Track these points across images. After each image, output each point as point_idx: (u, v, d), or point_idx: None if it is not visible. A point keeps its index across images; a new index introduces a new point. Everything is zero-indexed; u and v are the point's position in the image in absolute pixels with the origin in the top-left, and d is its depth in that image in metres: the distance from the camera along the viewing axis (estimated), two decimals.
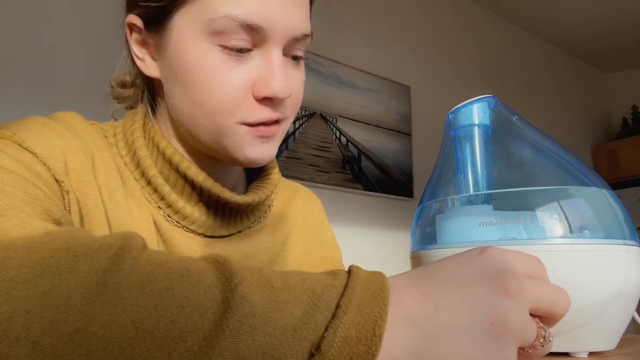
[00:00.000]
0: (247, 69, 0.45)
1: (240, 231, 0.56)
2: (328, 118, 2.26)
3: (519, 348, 0.28)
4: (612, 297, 0.40)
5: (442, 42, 2.89)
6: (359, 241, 2.26)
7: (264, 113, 0.46)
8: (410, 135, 2.57)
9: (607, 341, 0.42)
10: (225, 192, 0.51)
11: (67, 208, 0.42)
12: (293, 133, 2.12)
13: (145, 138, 0.52)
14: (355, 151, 2.32)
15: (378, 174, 2.38)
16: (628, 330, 0.53)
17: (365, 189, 2.31)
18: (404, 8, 2.72)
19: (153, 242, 0.49)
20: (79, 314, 0.23)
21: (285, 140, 2.08)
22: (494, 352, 0.26)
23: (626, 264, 0.41)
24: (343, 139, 2.29)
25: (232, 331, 0.24)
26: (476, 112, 0.53)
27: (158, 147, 0.51)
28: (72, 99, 1.54)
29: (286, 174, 2.02)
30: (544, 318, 0.30)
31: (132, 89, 0.57)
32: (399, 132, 2.52)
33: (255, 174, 0.60)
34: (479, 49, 3.12)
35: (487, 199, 0.49)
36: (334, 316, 0.25)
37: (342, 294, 0.26)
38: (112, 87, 0.58)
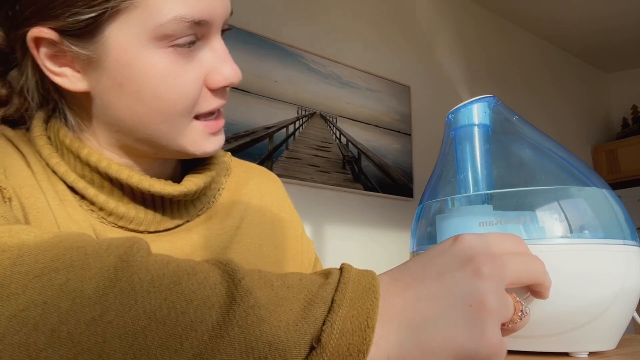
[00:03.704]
0: (198, 64, 0.46)
1: (187, 221, 0.53)
2: (328, 118, 2.26)
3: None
4: (612, 297, 0.40)
5: (442, 42, 2.89)
6: (359, 241, 2.26)
7: (217, 101, 0.48)
8: (410, 135, 2.57)
9: (607, 341, 0.42)
10: (155, 186, 0.48)
11: None
12: (293, 133, 2.12)
13: (51, 145, 0.48)
14: (355, 151, 2.32)
15: (378, 174, 2.38)
16: (628, 330, 0.53)
17: (365, 189, 2.31)
18: (404, 8, 2.72)
19: None
20: (93, 305, 0.24)
21: (285, 141, 2.08)
22: (476, 333, 0.27)
23: (626, 264, 0.41)
24: (343, 139, 2.29)
25: (240, 321, 0.25)
26: (476, 112, 0.52)
27: (71, 151, 0.47)
28: None
29: (286, 174, 2.02)
30: (535, 291, 0.33)
31: (9, 102, 0.50)
32: (399, 132, 2.52)
33: (196, 160, 0.56)
34: (478, 49, 3.12)
35: (487, 199, 0.49)
36: (330, 310, 0.27)
37: (336, 290, 0.28)
38: None
